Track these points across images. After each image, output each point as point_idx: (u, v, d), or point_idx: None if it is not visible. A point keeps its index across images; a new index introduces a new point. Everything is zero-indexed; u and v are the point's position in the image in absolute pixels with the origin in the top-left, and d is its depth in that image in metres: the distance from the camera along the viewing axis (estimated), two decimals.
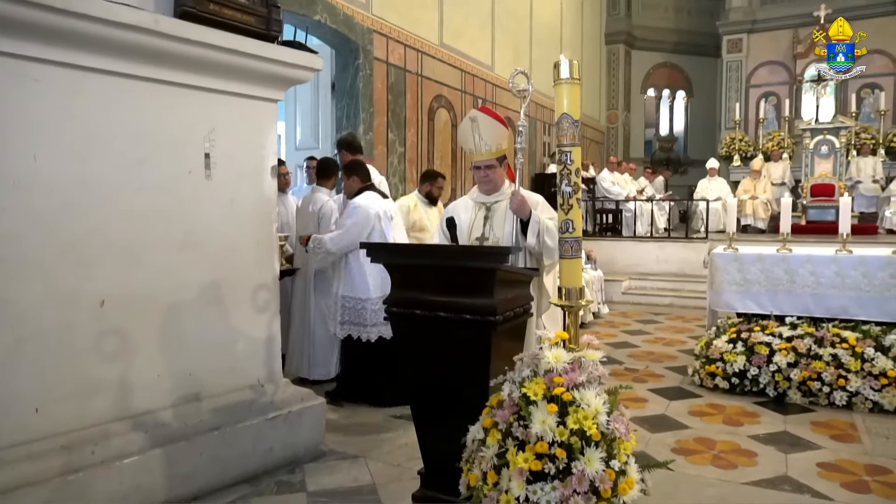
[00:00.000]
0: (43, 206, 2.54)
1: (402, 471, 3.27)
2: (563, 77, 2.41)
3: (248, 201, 3.34)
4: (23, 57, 2.45)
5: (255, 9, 3.17)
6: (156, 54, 2.81)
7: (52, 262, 2.57)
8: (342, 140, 5.08)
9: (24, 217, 2.49)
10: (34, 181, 2.52)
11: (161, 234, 2.96)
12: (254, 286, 3.36)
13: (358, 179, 4.36)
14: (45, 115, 2.54)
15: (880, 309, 4.53)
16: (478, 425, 2.37)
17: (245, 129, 3.31)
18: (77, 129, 2.64)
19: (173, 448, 2.86)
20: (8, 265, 2.45)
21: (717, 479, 3.20)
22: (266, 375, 3.42)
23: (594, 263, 8.37)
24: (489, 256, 2.61)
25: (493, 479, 2.22)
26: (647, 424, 4.01)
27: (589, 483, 2.09)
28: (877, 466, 3.32)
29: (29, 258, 2.51)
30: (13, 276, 2.47)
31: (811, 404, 4.35)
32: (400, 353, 2.92)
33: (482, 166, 3.12)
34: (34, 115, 2.51)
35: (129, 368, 2.84)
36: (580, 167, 2.45)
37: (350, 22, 6.33)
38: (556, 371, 2.24)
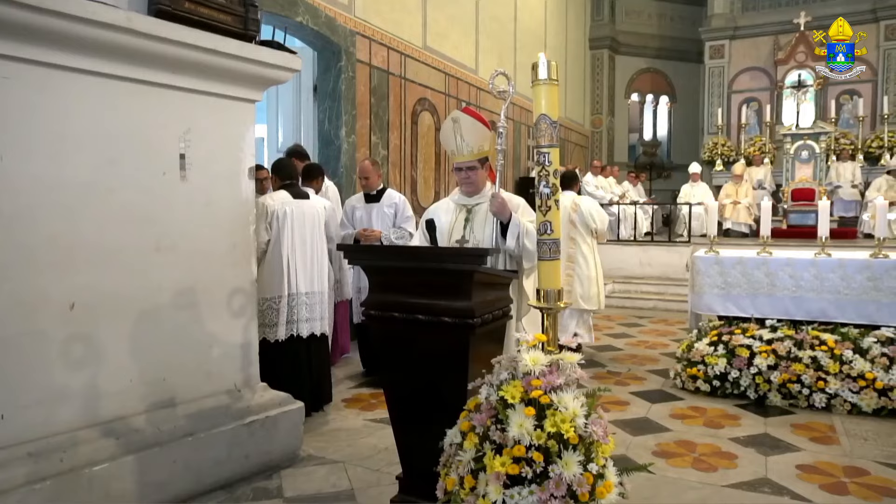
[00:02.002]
0: (10, 206, 2.48)
1: (381, 476, 3.23)
2: (541, 78, 2.38)
3: (225, 203, 3.29)
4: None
5: (233, 8, 3.13)
6: (129, 53, 2.76)
7: (19, 264, 2.51)
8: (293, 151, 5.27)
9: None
10: (17, 181, 2.46)
11: (134, 236, 2.90)
12: (230, 290, 3.31)
13: (277, 179, 4.30)
14: (13, 114, 2.48)
15: (858, 311, 4.56)
16: (455, 429, 2.34)
17: (222, 129, 3.26)
18: (47, 128, 2.58)
19: (146, 455, 2.80)
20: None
21: (698, 481, 3.20)
22: (243, 380, 3.37)
23: None
24: (466, 258, 2.59)
25: (471, 484, 2.19)
26: (629, 427, 4.00)
27: (567, 487, 2.06)
28: (855, 468, 3.33)
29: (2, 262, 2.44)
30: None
31: (791, 406, 4.37)
32: (379, 356, 2.88)
33: (464, 167, 3.09)
34: (2, 113, 2.45)
35: (101, 374, 2.78)
36: (558, 168, 2.43)
37: (332, 24, 6.29)
38: (533, 374, 2.22)
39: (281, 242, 3.99)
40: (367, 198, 5.10)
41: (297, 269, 4.03)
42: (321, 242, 4.24)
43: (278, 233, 4.00)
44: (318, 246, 4.20)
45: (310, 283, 4.09)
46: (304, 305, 4.03)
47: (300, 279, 4.03)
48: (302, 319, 4.03)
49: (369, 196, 5.09)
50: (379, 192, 5.08)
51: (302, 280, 4.05)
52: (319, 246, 4.22)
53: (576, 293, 5.64)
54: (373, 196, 5.08)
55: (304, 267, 4.07)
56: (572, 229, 5.69)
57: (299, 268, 4.04)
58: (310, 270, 4.11)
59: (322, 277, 4.24)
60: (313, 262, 4.14)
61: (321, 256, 4.24)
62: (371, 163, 5.16)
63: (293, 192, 4.12)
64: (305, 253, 4.09)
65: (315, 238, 4.18)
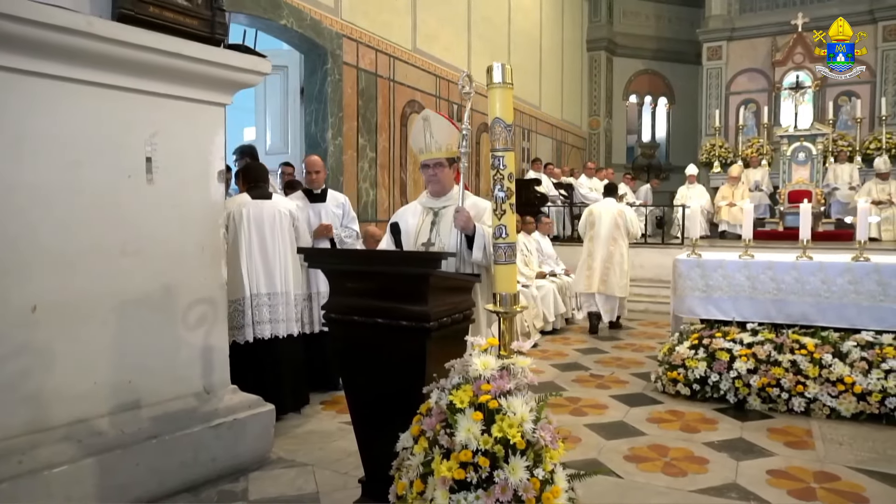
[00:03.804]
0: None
1: (347, 479, 3.23)
2: (495, 81, 2.38)
3: (194, 206, 3.30)
4: None
5: (199, 12, 3.14)
6: (91, 57, 2.77)
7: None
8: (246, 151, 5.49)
9: None
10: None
11: (99, 239, 2.91)
12: (198, 292, 3.31)
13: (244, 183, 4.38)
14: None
15: (839, 315, 4.53)
16: (407, 433, 2.34)
17: (190, 133, 3.27)
18: (5, 131, 2.59)
19: (108, 457, 2.80)
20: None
21: (666, 486, 3.18)
22: (211, 383, 3.37)
23: (566, 270, 8.35)
24: (422, 262, 2.59)
25: (419, 488, 2.18)
26: (604, 431, 3.98)
27: (512, 492, 2.05)
28: (826, 473, 3.31)
29: None
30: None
31: (770, 410, 4.35)
32: (339, 360, 2.88)
33: (431, 164, 3.10)
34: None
35: (62, 376, 2.78)
36: (513, 172, 2.42)
37: (318, 27, 6.30)
38: (483, 378, 2.21)
39: (239, 244, 4.00)
40: (312, 197, 4.92)
41: (257, 270, 4.04)
42: (283, 243, 4.19)
43: (235, 234, 4.01)
44: (279, 246, 4.16)
45: (271, 285, 4.08)
46: (266, 307, 4.03)
47: (261, 280, 4.04)
48: (264, 321, 4.04)
49: (314, 195, 4.93)
50: (323, 192, 4.97)
51: (263, 281, 4.05)
52: (281, 247, 4.17)
53: (612, 283, 6.95)
54: (317, 195, 4.93)
55: (266, 268, 4.06)
56: (616, 231, 7.03)
57: (259, 269, 4.04)
58: (271, 271, 4.10)
59: (287, 278, 4.20)
60: (275, 263, 4.11)
61: (283, 257, 4.18)
62: (319, 157, 5.11)
63: (254, 194, 4.14)
64: (266, 254, 4.08)
65: (277, 238, 4.14)
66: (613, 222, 7.05)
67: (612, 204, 7.30)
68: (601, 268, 7.00)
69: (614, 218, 7.07)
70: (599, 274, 7.00)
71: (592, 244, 7.15)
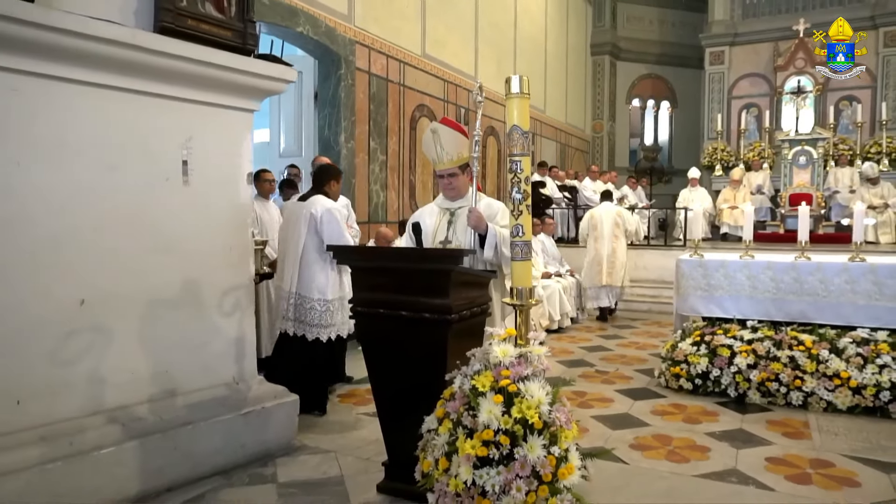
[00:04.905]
0: (21, 211, 2.69)
1: (369, 464, 3.41)
2: (513, 92, 2.58)
3: (224, 207, 3.50)
4: (6, 69, 2.61)
5: (232, 24, 3.34)
6: (135, 67, 2.97)
7: (32, 263, 2.72)
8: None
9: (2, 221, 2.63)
10: (16, 185, 2.67)
11: (138, 237, 3.11)
12: (228, 288, 3.51)
13: None
14: (25, 125, 2.69)
15: (836, 313, 4.71)
16: (432, 416, 2.53)
17: (221, 137, 3.47)
18: (51, 136, 2.79)
19: (148, 441, 3.00)
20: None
21: (669, 472, 3.37)
22: (240, 373, 3.57)
23: (571, 270, 8.54)
24: (444, 259, 2.78)
25: (444, 466, 2.38)
26: (610, 422, 4.17)
27: (531, 468, 2.25)
28: (821, 460, 3.49)
29: (7, 261, 2.65)
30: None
31: (770, 404, 4.53)
32: (365, 351, 3.07)
33: (445, 174, 3.30)
34: (14, 123, 2.66)
35: (106, 365, 2.99)
36: (529, 175, 2.62)
37: (332, 34, 6.51)
38: (503, 365, 2.41)
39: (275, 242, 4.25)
40: None
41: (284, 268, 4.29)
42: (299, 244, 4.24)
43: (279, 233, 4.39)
44: (298, 247, 4.23)
45: (290, 283, 4.26)
46: (290, 306, 4.24)
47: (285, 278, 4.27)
48: (288, 318, 4.25)
49: None
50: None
51: (287, 279, 4.26)
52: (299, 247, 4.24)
53: (616, 276, 8.12)
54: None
55: (292, 267, 4.25)
56: (616, 229, 8.16)
57: (286, 268, 4.27)
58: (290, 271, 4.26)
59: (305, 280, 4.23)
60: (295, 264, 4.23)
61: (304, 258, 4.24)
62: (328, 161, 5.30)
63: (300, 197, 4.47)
64: (290, 254, 4.28)
65: (297, 240, 4.23)
66: (613, 222, 8.20)
67: (611, 206, 8.49)
68: (607, 263, 8.09)
69: (614, 218, 8.22)
70: (606, 268, 8.08)
71: (598, 244, 8.19)
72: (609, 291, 8.20)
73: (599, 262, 8.13)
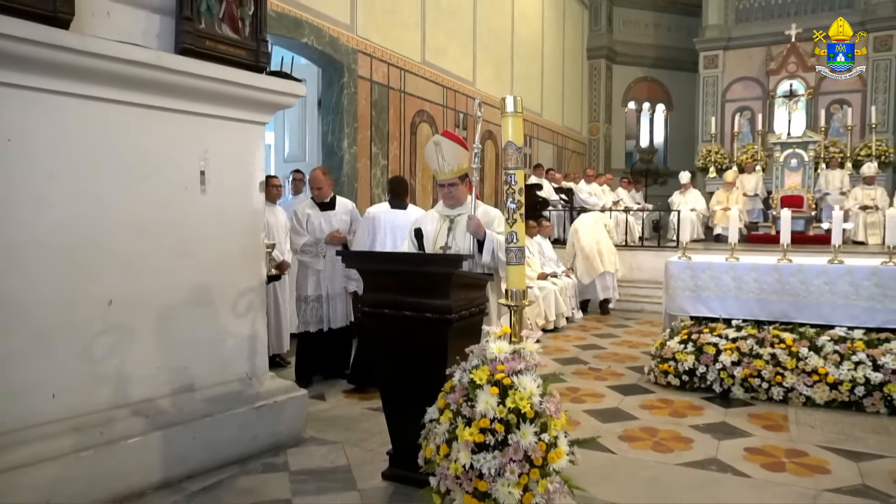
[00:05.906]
0: (56, 218, 2.93)
1: (374, 455, 3.65)
2: (508, 111, 2.81)
3: (238, 213, 3.74)
4: (45, 90, 2.85)
5: (246, 43, 3.58)
6: (159, 85, 3.21)
7: (66, 268, 2.96)
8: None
9: (39, 228, 2.87)
10: (49, 196, 2.91)
11: (159, 242, 3.35)
12: (242, 289, 3.75)
13: None
14: (59, 139, 2.93)
15: (815, 312, 4.97)
16: (434, 407, 2.77)
17: (236, 149, 3.71)
18: (85, 150, 3.03)
19: (170, 432, 3.24)
20: (27, 270, 2.83)
21: (654, 461, 3.61)
22: (252, 369, 3.81)
23: (568, 271, 8.78)
24: (445, 263, 3.02)
25: (445, 451, 2.62)
26: (600, 416, 4.42)
27: (523, 453, 2.49)
28: (796, 450, 3.74)
29: (42, 264, 2.89)
30: (31, 279, 2.85)
31: (752, 399, 4.78)
32: (372, 349, 3.31)
33: (446, 184, 3.54)
34: (51, 138, 2.90)
35: (132, 361, 3.23)
36: (523, 187, 2.86)
37: (335, 43, 6.75)
38: (498, 360, 2.65)
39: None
40: (322, 206, 5.27)
41: None
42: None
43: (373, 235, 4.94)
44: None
45: None
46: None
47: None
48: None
49: (323, 204, 5.27)
50: (332, 200, 5.32)
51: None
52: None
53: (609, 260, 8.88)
54: (327, 204, 5.28)
55: None
56: (596, 226, 9.06)
57: None
58: None
59: None
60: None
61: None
62: (322, 172, 5.35)
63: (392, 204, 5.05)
64: None
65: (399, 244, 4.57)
66: (592, 220, 9.16)
67: (597, 215, 9.63)
68: (597, 252, 8.76)
69: (593, 219, 9.25)
70: (598, 257, 8.75)
71: (581, 243, 8.83)
72: (610, 278, 8.89)
73: (589, 254, 8.69)
